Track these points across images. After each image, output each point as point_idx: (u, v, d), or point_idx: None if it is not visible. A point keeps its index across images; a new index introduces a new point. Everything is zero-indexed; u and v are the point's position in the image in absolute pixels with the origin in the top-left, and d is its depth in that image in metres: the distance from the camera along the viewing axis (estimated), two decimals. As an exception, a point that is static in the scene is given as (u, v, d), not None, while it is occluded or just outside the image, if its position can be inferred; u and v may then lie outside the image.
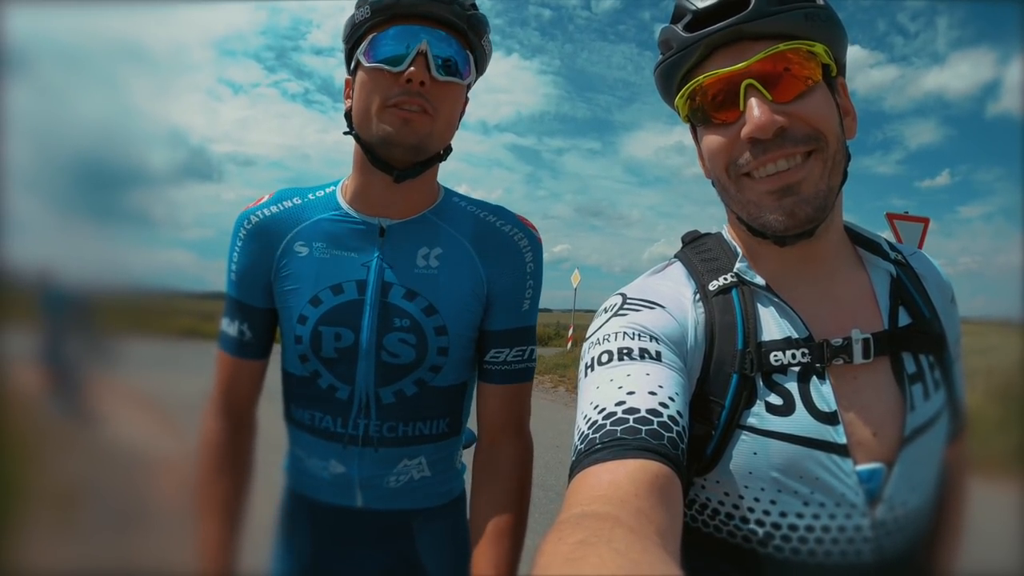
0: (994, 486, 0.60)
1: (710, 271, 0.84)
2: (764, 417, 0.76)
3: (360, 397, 1.06)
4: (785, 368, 0.77)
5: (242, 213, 1.09)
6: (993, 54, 28.34)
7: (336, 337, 1.04)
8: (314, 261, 1.05)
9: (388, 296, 1.04)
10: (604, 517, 0.54)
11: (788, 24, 0.76)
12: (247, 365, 1.13)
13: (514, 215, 1.11)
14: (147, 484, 0.91)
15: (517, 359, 1.12)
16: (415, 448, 1.11)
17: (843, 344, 0.75)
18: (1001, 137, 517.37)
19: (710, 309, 0.81)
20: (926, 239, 6.56)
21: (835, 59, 0.79)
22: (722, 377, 0.78)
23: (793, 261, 0.81)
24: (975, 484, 0.74)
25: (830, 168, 0.75)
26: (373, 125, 0.98)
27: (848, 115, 0.81)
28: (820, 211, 0.75)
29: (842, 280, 0.82)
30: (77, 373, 0.89)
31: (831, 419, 0.75)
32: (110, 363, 0.93)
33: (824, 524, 0.75)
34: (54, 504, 0.77)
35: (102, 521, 0.81)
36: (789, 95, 0.75)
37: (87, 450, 0.86)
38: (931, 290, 0.83)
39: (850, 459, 0.74)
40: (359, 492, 1.10)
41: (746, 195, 0.76)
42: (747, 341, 0.78)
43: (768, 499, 0.76)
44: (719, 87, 0.77)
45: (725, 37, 0.76)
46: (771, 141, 0.73)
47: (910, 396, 0.75)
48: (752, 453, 0.76)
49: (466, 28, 1.01)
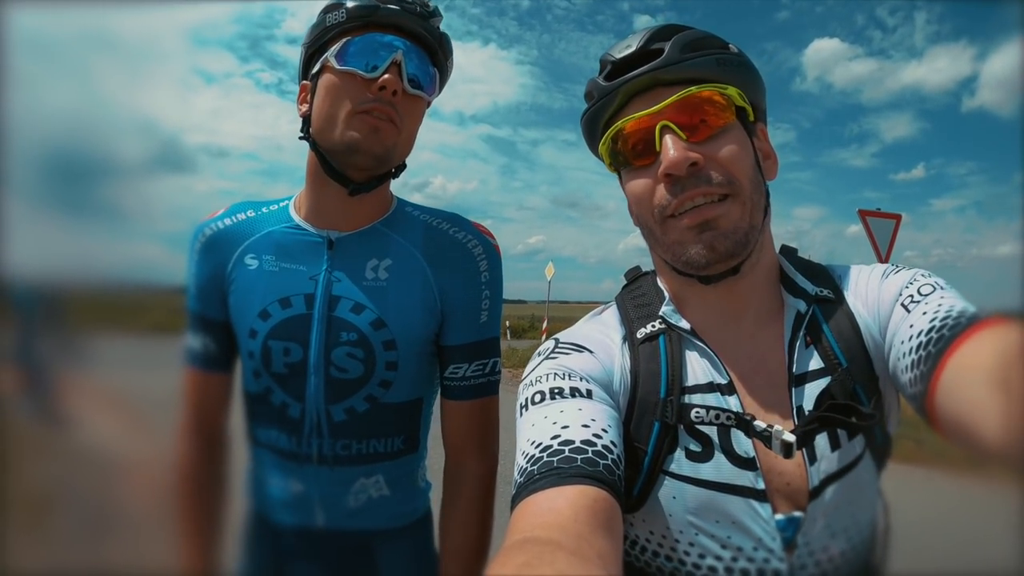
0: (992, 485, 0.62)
1: (640, 317, 0.87)
2: (683, 463, 0.79)
3: (311, 415, 1.05)
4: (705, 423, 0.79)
5: (197, 226, 1.09)
6: (971, 50, 29.91)
7: (285, 352, 1.03)
8: (263, 274, 1.05)
9: (335, 310, 1.02)
10: (545, 542, 0.56)
11: (700, 69, 0.78)
12: (214, 379, 1.13)
13: (470, 223, 1.10)
14: (121, 486, 0.90)
15: (477, 373, 1.09)
16: (370, 467, 1.09)
17: (765, 432, 0.76)
18: (975, 132, 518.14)
19: (635, 356, 0.83)
20: (898, 234, 6.77)
21: (752, 104, 0.82)
22: (645, 423, 0.81)
23: (718, 302, 0.84)
24: (974, 481, 0.75)
25: (748, 210, 0.77)
26: (338, 130, 0.97)
27: (768, 158, 0.84)
28: (740, 247, 0.77)
29: (765, 322, 0.84)
30: (48, 373, 0.86)
31: (750, 465, 0.77)
32: (82, 362, 0.91)
33: (743, 567, 0.77)
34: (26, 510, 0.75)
35: (77, 524, 0.79)
36: (702, 135, 0.77)
37: (60, 453, 0.84)
38: (860, 312, 0.82)
39: (769, 504, 0.76)
40: (319, 511, 1.10)
41: (670, 236, 0.79)
42: (670, 390, 0.80)
43: (687, 540, 0.79)
44: (637, 133, 0.79)
45: (641, 84, 0.79)
46: (687, 179, 0.75)
47: (809, 452, 0.77)
48: (672, 497, 0.79)
49: (437, 47, 1.02)
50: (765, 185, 0.82)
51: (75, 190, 0.98)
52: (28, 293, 0.83)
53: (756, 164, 0.81)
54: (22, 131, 0.81)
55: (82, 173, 0.99)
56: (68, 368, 0.90)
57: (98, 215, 1.01)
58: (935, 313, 0.72)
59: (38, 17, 0.81)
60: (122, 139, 1.06)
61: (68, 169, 0.94)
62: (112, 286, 1.04)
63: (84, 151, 0.98)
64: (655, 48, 0.79)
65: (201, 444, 1.13)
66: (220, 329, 1.12)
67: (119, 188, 1.07)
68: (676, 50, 0.78)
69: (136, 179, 1.11)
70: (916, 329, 0.73)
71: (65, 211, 0.95)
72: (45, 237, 0.88)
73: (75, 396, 0.88)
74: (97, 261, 0.99)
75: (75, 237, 0.95)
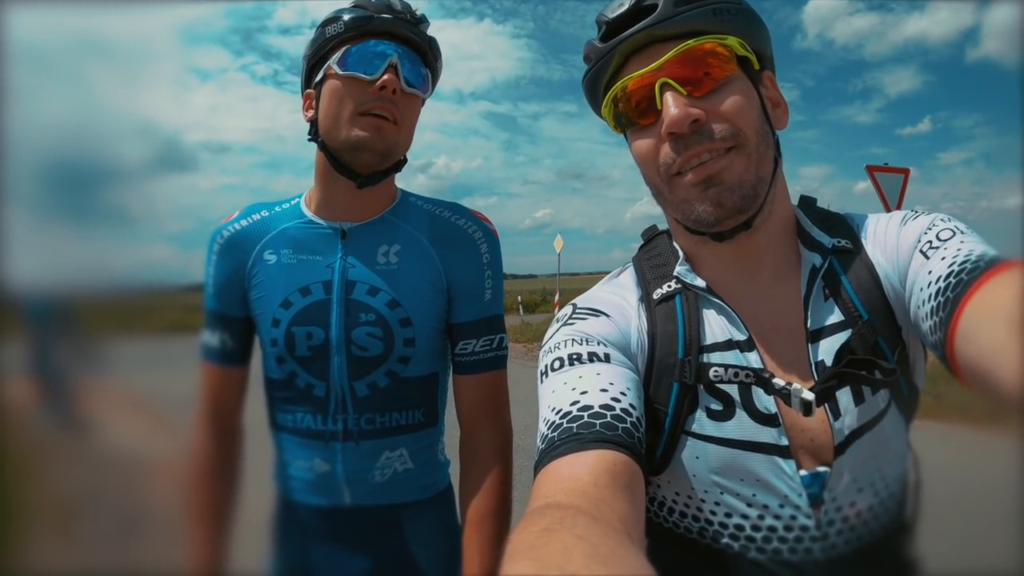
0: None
1: (656, 278, 0.86)
2: (704, 423, 0.78)
3: (336, 392, 1.12)
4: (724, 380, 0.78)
5: (215, 230, 1.16)
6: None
7: (308, 336, 1.10)
8: (282, 267, 1.13)
9: (352, 293, 1.11)
10: (566, 507, 0.56)
11: (697, 22, 0.76)
12: (231, 372, 1.20)
13: (468, 210, 1.20)
14: (146, 488, 0.92)
15: (485, 348, 1.18)
16: (394, 439, 1.16)
17: (784, 390, 0.75)
18: (981, 83, 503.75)
19: (652, 317, 0.83)
20: (907, 189, 6.63)
21: (755, 52, 0.80)
22: (664, 385, 0.80)
23: (732, 259, 0.82)
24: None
25: (755, 161, 0.75)
26: (344, 130, 1.06)
27: (778, 107, 0.82)
28: (749, 200, 0.75)
29: (782, 277, 0.82)
30: (67, 381, 0.88)
31: (772, 421, 0.76)
32: (99, 367, 0.92)
33: (770, 524, 0.77)
34: (55, 516, 0.77)
35: (104, 529, 0.82)
36: (704, 89, 0.75)
37: (84, 459, 0.86)
38: (879, 261, 0.80)
39: (793, 460, 0.75)
40: (346, 489, 1.17)
41: (677, 194, 0.77)
42: (688, 350, 0.79)
43: (712, 500, 0.79)
44: (638, 92, 0.78)
45: (636, 42, 0.77)
46: (690, 137, 0.74)
47: (832, 407, 0.76)
48: (695, 457, 0.79)
49: (427, 49, 1.13)
50: (775, 136, 0.80)
51: (80, 198, 0.99)
52: (41, 303, 0.85)
53: (763, 114, 0.78)
54: (23, 143, 0.82)
55: (86, 180, 1.00)
56: (86, 374, 0.92)
57: (105, 220, 1.02)
58: (954, 258, 0.70)
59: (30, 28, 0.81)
60: (122, 143, 1.07)
61: (72, 177, 0.95)
62: (124, 289, 1.06)
63: (86, 158, 0.99)
64: (648, 4, 0.77)
65: (218, 436, 1.20)
66: (238, 325, 1.18)
67: (124, 192, 1.09)
68: (670, 4, 0.76)
69: (139, 182, 1.12)
70: (935, 275, 0.70)
71: (72, 219, 0.96)
72: (54, 247, 0.89)
73: (95, 401, 0.90)
74: (107, 266, 1.00)
75: (84, 244, 0.96)
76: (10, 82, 0.78)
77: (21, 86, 0.81)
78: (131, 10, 1.04)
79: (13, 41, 0.79)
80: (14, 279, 0.78)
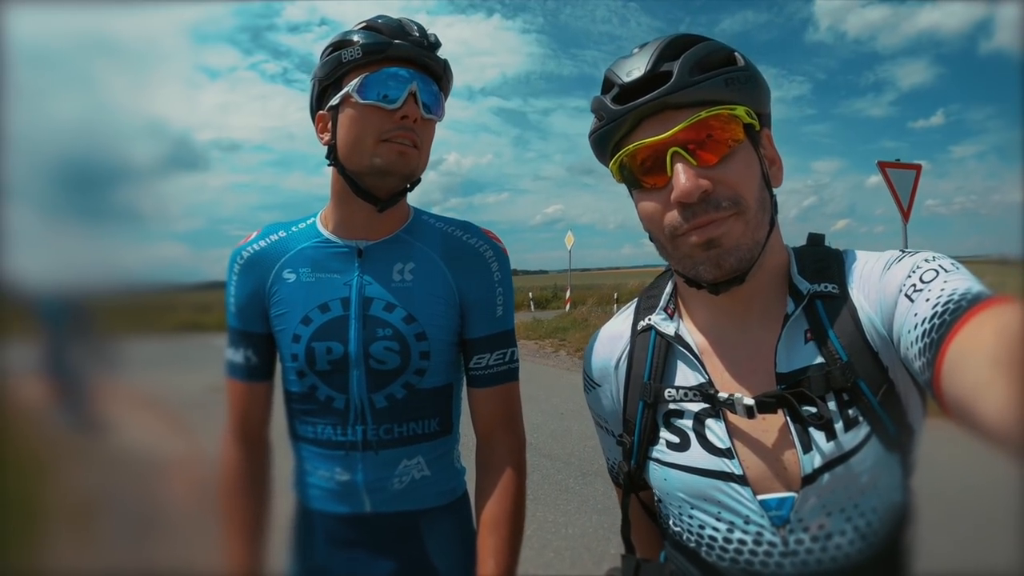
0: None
1: (645, 308, 0.97)
2: (664, 452, 0.88)
3: (355, 404, 1.16)
4: (682, 412, 0.87)
5: (235, 250, 1.21)
6: (982, -13, 27.92)
7: (327, 351, 1.15)
8: (301, 285, 1.17)
9: (370, 309, 1.15)
10: None
11: (709, 91, 0.80)
12: (256, 388, 1.24)
13: (480, 229, 1.23)
14: (162, 487, 0.93)
15: (499, 362, 1.23)
16: (412, 448, 1.20)
17: (729, 400, 0.83)
18: (994, 75, 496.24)
19: (634, 342, 0.95)
20: (919, 183, 6.56)
21: (758, 115, 0.84)
22: (633, 401, 0.92)
23: (724, 306, 0.89)
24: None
25: (753, 227, 0.81)
26: (367, 158, 1.10)
27: (774, 164, 0.87)
28: (745, 262, 0.81)
29: (767, 323, 0.88)
30: (82, 381, 0.89)
31: (726, 454, 0.83)
32: (113, 366, 0.93)
33: (739, 538, 0.83)
34: (71, 517, 0.77)
35: (121, 528, 0.82)
36: (713, 158, 0.80)
37: (99, 458, 0.87)
38: (863, 307, 0.83)
39: (749, 488, 0.81)
40: (366, 497, 1.21)
41: (681, 251, 0.83)
42: (652, 375, 0.90)
43: (686, 514, 0.87)
44: (648, 154, 0.82)
45: (650, 109, 0.81)
46: (698, 205, 0.79)
47: (803, 440, 0.80)
48: (663, 479, 0.88)
49: (442, 75, 1.16)
50: (772, 196, 0.86)
51: (91, 197, 0.99)
52: (54, 303, 0.85)
53: (763, 178, 0.84)
54: (32, 144, 0.82)
55: (96, 180, 1.00)
56: (100, 374, 0.92)
57: (116, 220, 1.02)
58: (938, 298, 0.73)
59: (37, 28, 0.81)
60: (132, 143, 1.07)
61: (82, 178, 0.96)
62: (136, 288, 1.06)
63: (96, 158, 0.99)
64: (664, 71, 0.81)
65: (247, 451, 1.24)
66: (261, 341, 1.23)
67: (134, 191, 1.09)
68: (685, 72, 0.79)
69: (150, 181, 1.12)
70: (920, 317, 0.74)
71: (83, 219, 0.96)
72: (65, 246, 0.89)
73: (110, 401, 0.90)
74: (119, 266, 1.00)
75: (95, 243, 0.96)
76: (15, 83, 0.78)
77: (31, 87, 0.81)
78: (140, 9, 1.04)
79: (22, 41, 0.79)
80: (27, 279, 0.78)
